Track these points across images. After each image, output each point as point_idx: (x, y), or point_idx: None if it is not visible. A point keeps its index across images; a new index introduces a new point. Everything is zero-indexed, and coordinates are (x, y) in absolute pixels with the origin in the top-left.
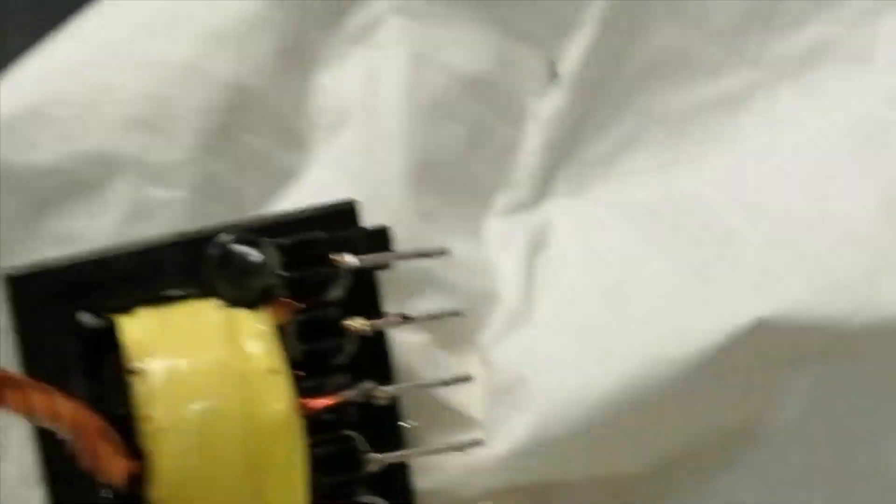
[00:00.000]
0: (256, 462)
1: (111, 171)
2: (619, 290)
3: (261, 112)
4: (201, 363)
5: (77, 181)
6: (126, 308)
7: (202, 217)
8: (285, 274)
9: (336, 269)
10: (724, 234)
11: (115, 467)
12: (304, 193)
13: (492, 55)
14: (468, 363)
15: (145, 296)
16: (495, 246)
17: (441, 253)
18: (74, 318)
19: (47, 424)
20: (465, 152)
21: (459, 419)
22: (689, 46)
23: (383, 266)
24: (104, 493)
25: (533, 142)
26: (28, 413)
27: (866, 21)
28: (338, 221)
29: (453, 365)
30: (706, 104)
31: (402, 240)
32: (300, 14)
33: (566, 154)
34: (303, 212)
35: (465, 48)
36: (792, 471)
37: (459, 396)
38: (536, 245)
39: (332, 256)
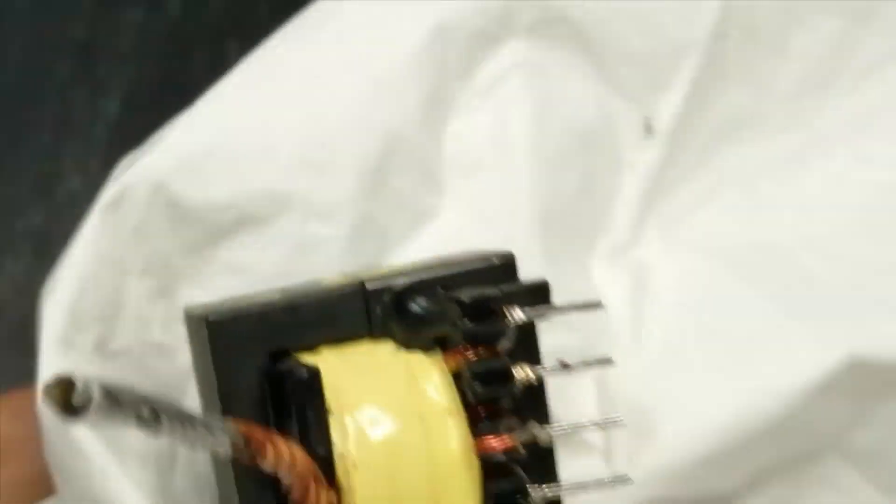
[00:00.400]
0: (436, 496)
1: (280, 208)
2: (719, 328)
3: (408, 157)
4: (386, 403)
5: (248, 216)
6: (311, 348)
7: (356, 253)
8: (466, 326)
9: (506, 323)
10: (806, 278)
11: (322, 498)
12: (441, 233)
13: (598, 110)
14: (586, 395)
15: (330, 336)
16: (602, 287)
17: (598, 305)
18: (267, 359)
19: (283, 472)
20: (576, 199)
21: (583, 446)
22: (758, 108)
23: (544, 317)
24: None
25: (629, 191)
26: (276, 465)
27: None
28: (499, 274)
29: (574, 396)
30: (773, 161)
31: (530, 273)
32: (441, 66)
33: (656, 204)
34: (468, 264)
35: (577, 103)
36: (875, 489)
37: (574, 417)
38: (637, 286)
39: (505, 310)
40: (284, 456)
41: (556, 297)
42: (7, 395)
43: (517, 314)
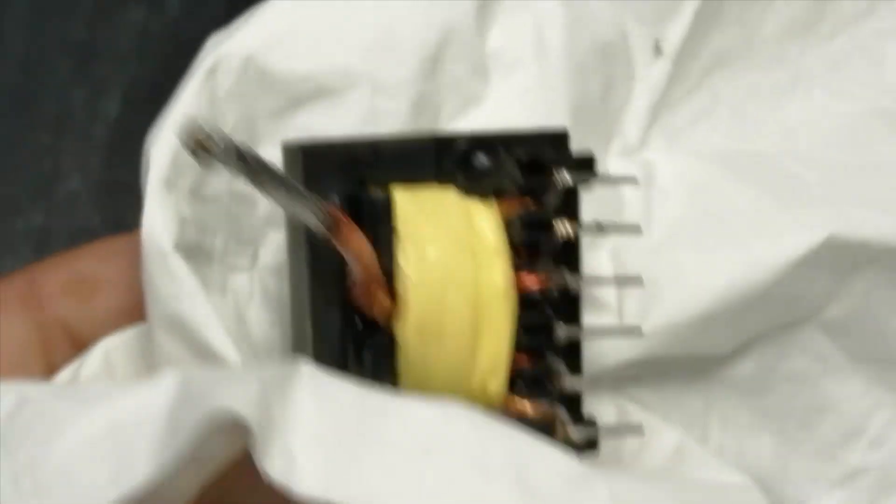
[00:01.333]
0: (478, 319)
1: (351, 82)
2: (716, 214)
3: (460, 48)
4: (445, 236)
5: (324, 88)
6: (385, 185)
7: (414, 126)
8: (520, 179)
9: (554, 182)
10: (790, 177)
11: (382, 306)
12: (486, 117)
13: (618, 30)
14: (604, 266)
15: (403, 178)
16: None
17: (634, 181)
18: (348, 186)
19: (351, 259)
20: (599, 103)
21: (600, 304)
22: (748, 45)
23: (587, 183)
24: (357, 323)
25: (640, 102)
26: (358, 254)
27: (878, 40)
28: (554, 142)
29: (594, 266)
30: (760, 91)
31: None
32: None
33: (661, 115)
34: (528, 132)
35: (602, 22)
36: (843, 351)
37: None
38: (646, 179)
39: (555, 172)
40: (359, 247)
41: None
42: (88, 246)
43: (564, 177)
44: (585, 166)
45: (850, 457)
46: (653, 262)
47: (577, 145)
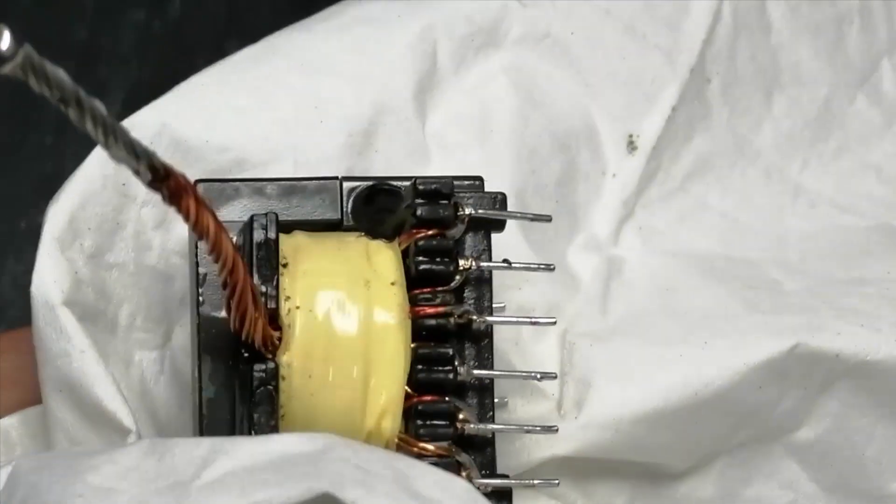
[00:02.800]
0: (369, 351)
1: (273, 156)
2: (680, 310)
3: (395, 127)
4: (337, 267)
5: (244, 160)
6: (287, 231)
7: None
8: (419, 207)
9: (457, 213)
10: (770, 284)
11: (256, 323)
12: None
13: (582, 121)
14: (547, 345)
15: (303, 222)
16: (575, 264)
17: (547, 219)
18: (250, 221)
19: (208, 250)
20: (555, 193)
21: (539, 394)
22: (741, 152)
23: (497, 221)
24: (244, 352)
25: (610, 197)
26: (197, 228)
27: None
28: (468, 185)
29: (538, 352)
30: (754, 200)
31: (503, 243)
32: (432, 60)
33: (637, 214)
34: (440, 176)
35: (561, 111)
36: (814, 482)
37: (537, 368)
38: (611, 272)
39: (458, 203)
40: (208, 225)
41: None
42: (7, 333)
43: (468, 210)
44: (497, 204)
45: None
46: (601, 350)
47: (525, 226)
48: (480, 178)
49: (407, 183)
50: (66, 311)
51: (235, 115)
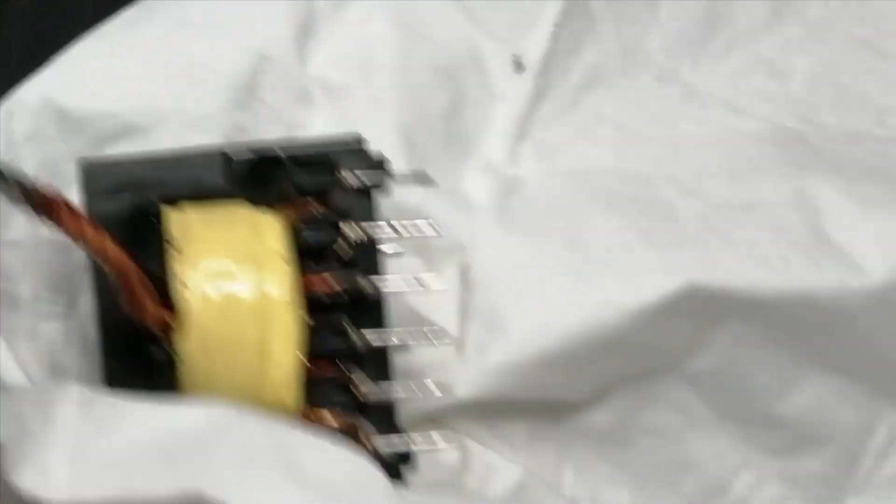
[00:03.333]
0: (264, 327)
1: (158, 118)
2: (581, 241)
3: (278, 76)
4: (227, 246)
5: (130, 125)
6: (173, 202)
7: None
8: (299, 178)
9: (340, 181)
10: (662, 208)
11: (149, 310)
12: None
13: (466, 48)
14: (446, 279)
15: (192, 193)
16: (472, 190)
17: (431, 182)
18: (132, 207)
19: (94, 256)
20: (444, 122)
21: (439, 333)
22: (631, 60)
23: (380, 186)
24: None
25: (502, 120)
26: (79, 239)
27: (784, 55)
28: (348, 148)
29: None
30: (649, 106)
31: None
32: (308, 6)
33: (531, 133)
34: (319, 139)
35: (444, 42)
36: (707, 406)
37: (439, 313)
38: (508, 191)
39: (340, 171)
40: (88, 235)
41: (425, 199)
42: None
43: (348, 175)
44: (378, 167)
45: None
46: (502, 287)
47: (415, 159)
48: (360, 138)
49: (289, 146)
50: None
51: (117, 81)
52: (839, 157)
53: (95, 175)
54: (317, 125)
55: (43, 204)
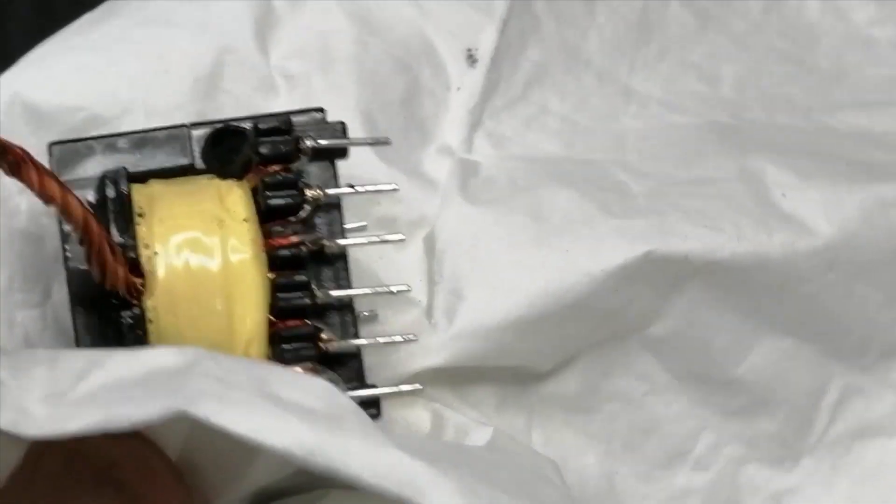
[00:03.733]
0: (229, 285)
1: (123, 108)
2: (542, 212)
3: (239, 66)
4: (192, 210)
5: (97, 116)
6: (141, 180)
7: None
8: (260, 148)
9: (299, 146)
10: (616, 186)
11: (115, 271)
12: None
13: (420, 41)
14: (411, 252)
15: (156, 169)
16: (432, 172)
17: (386, 142)
18: (102, 179)
19: (59, 213)
20: (401, 109)
21: (409, 303)
22: (572, 61)
23: (340, 150)
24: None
25: (457, 110)
26: (43, 195)
27: (713, 63)
28: (310, 119)
29: (399, 258)
30: (590, 102)
31: (354, 162)
32: (266, 4)
33: (485, 122)
34: (281, 112)
35: (398, 34)
36: (668, 371)
37: (403, 278)
38: (466, 173)
39: (297, 135)
40: (53, 192)
41: (383, 173)
42: None
43: (308, 142)
44: (337, 132)
45: (676, 478)
46: (467, 255)
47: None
48: (321, 109)
49: (251, 122)
50: None
51: (83, 76)
52: (773, 142)
53: (65, 157)
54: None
55: (11, 162)
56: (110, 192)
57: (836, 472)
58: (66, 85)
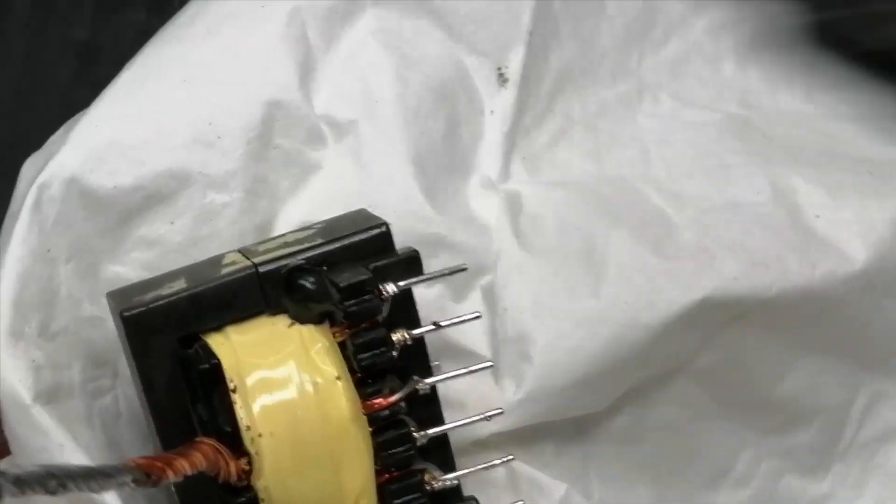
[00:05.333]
0: (333, 451)
1: (181, 184)
2: (596, 258)
3: (287, 120)
4: (283, 375)
5: (154, 195)
6: (217, 329)
7: (252, 213)
8: (346, 308)
9: (381, 298)
10: (658, 216)
11: (231, 470)
12: (327, 182)
13: (453, 66)
14: (472, 300)
15: (230, 317)
16: (479, 210)
17: (463, 269)
18: (177, 343)
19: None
20: (444, 143)
21: (471, 354)
22: (588, 60)
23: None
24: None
25: (492, 134)
26: (178, 475)
27: (712, 38)
28: (376, 245)
29: (459, 308)
30: (609, 104)
31: (412, 211)
32: (304, 42)
33: (518, 144)
34: (347, 237)
35: (433, 62)
36: (711, 398)
37: (470, 339)
38: (513, 210)
39: (380, 287)
40: (185, 469)
41: (439, 224)
42: None
43: (390, 288)
44: (411, 267)
45: (718, 498)
46: (530, 313)
47: (427, 189)
48: (387, 229)
49: (322, 250)
50: (38, 409)
51: (135, 152)
52: (789, 139)
53: (137, 323)
54: (331, 165)
55: (156, 478)
56: (203, 376)
57: (865, 475)
58: (119, 164)
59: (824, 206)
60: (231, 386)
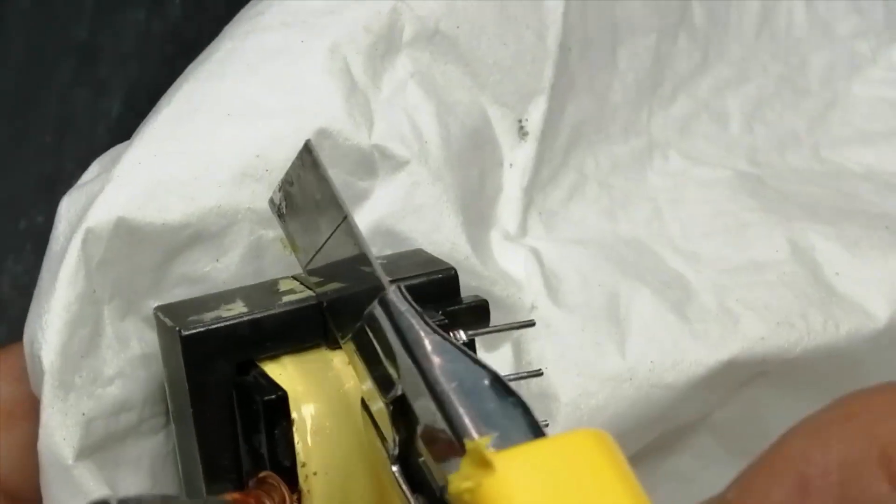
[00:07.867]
0: (383, 496)
1: (228, 220)
2: (621, 315)
3: (337, 149)
4: (340, 413)
5: (202, 232)
6: (274, 358)
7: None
8: None
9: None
10: (676, 279)
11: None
12: (375, 215)
13: (480, 114)
14: (502, 353)
15: (289, 347)
16: (509, 265)
17: (531, 324)
18: (234, 369)
19: None
20: (476, 193)
21: None
22: (601, 115)
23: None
24: None
25: (511, 189)
26: None
27: (718, 96)
28: (443, 288)
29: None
30: (621, 161)
31: (460, 259)
32: (348, 77)
33: (535, 199)
34: (414, 276)
35: (464, 108)
36: (724, 449)
37: None
38: (539, 264)
39: (450, 333)
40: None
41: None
42: (5, 352)
43: (461, 335)
44: (480, 315)
45: None
46: (556, 370)
47: (471, 238)
48: (454, 276)
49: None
50: (80, 468)
51: (185, 188)
52: (803, 196)
53: (198, 343)
54: (380, 198)
55: None
56: (266, 407)
57: None
58: (167, 201)
59: (844, 263)
60: (295, 422)
